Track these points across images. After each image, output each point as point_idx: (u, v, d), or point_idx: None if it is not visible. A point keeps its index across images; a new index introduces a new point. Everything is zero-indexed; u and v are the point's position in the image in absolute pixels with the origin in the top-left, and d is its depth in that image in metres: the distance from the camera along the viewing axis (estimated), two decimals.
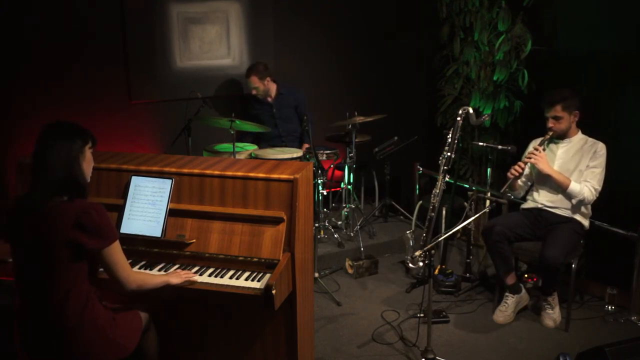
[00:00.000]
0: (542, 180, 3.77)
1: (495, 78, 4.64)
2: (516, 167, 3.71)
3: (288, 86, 5.00)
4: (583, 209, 3.70)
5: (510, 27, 4.55)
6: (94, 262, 2.26)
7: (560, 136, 3.74)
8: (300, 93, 5.04)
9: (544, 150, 3.72)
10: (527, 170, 3.84)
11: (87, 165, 2.29)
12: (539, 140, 3.80)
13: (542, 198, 3.80)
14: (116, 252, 2.24)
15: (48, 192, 2.17)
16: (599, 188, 3.61)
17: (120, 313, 2.38)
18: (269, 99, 4.93)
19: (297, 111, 5.01)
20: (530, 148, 3.86)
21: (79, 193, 2.23)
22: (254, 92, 4.86)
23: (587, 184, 3.61)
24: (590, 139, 3.71)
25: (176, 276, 2.56)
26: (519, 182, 3.87)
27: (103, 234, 2.19)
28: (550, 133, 3.71)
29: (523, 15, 4.52)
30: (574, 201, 3.65)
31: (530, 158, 3.67)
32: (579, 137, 3.74)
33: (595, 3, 4.25)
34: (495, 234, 3.68)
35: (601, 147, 3.65)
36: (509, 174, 3.75)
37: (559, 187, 3.67)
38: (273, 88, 4.92)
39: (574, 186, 3.60)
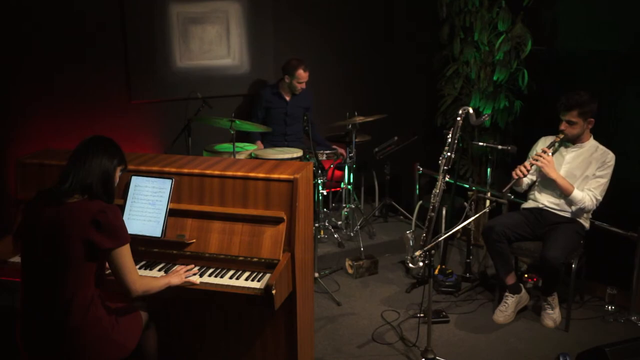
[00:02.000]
0: (546, 181, 3.75)
1: (495, 78, 4.64)
2: (522, 167, 3.67)
3: (304, 88, 4.99)
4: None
5: (510, 27, 4.55)
6: (103, 264, 2.28)
7: (572, 140, 3.71)
8: (311, 97, 5.06)
9: (552, 153, 3.69)
10: (533, 168, 3.81)
11: (115, 182, 2.41)
12: (549, 139, 3.76)
13: (543, 199, 3.79)
14: (126, 255, 2.26)
15: (76, 189, 2.25)
16: (601, 198, 3.60)
17: (122, 313, 2.39)
18: (287, 98, 4.94)
19: (304, 114, 5.02)
20: (539, 147, 3.81)
21: (104, 199, 2.30)
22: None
23: (589, 192, 3.59)
24: (602, 147, 3.66)
25: (177, 276, 2.56)
26: (525, 178, 3.83)
27: (116, 234, 2.22)
28: (561, 136, 3.68)
29: (523, 15, 4.52)
30: (573, 208, 3.64)
31: (537, 161, 3.65)
32: (590, 144, 3.70)
33: (595, 3, 4.25)
34: (495, 234, 3.67)
35: (611, 158, 3.62)
36: (513, 173, 3.70)
37: (561, 192, 3.66)
38: None
39: (577, 194, 3.58)
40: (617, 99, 4.11)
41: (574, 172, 3.69)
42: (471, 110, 3.82)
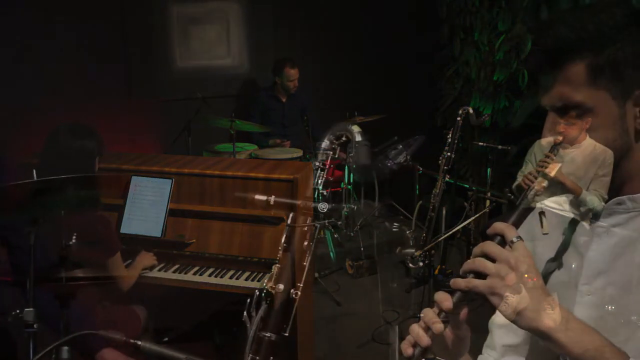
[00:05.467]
0: (550, 184, 3.75)
1: (495, 78, 4.64)
2: (529, 176, 3.67)
3: (299, 88, 5.01)
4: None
5: (510, 27, 4.55)
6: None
7: (570, 142, 3.72)
8: (309, 98, 5.07)
9: (555, 156, 3.69)
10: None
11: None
12: (545, 141, 3.77)
13: (546, 200, 3.78)
14: (117, 263, 2.26)
15: (61, 199, 2.06)
16: (607, 197, 3.60)
17: (119, 313, 2.38)
18: (284, 99, 4.95)
19: (302, 115, 5.04)
20: (537, 152, 3.82)
21: (92, 203, 2.15)
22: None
23: (596, 193, 3.59)
24: (599, 145, 3.66)
25: (147, 258, 2.60)
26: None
27: (108, 245, 2.20)
28: (560, 138, 3.68)
29: (523, 15, 4.52)
30: (582, 209, 3.64)
31: (542, 167, 3.65)
32: (587, 142, 3.70)
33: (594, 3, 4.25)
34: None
35: (610, 156, 3.61)
36: (522, 184, 3.70)
37: (567, 193, 3.66)
38: None
39: (585, 194, 3.58)
40: None
41: (577, 173, 3.68)
42: (471, 110, 3.81)
